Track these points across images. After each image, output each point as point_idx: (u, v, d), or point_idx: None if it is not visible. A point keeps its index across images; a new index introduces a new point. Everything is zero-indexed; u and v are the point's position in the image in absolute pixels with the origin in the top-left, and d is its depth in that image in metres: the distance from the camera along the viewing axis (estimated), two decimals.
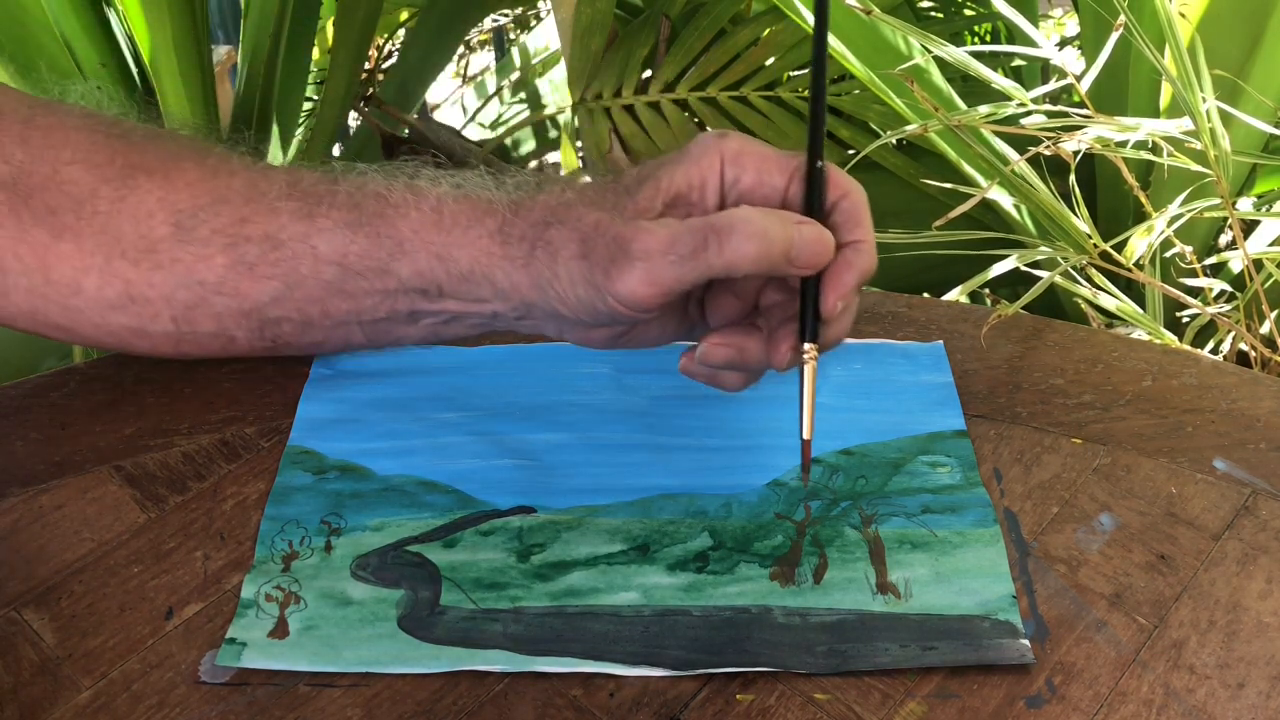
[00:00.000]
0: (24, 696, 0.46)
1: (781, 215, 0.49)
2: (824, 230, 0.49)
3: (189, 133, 0.60)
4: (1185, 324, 0.90)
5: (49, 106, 0.58)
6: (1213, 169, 0.78)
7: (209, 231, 0.55)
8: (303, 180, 0.56)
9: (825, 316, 0.50)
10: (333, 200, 0.55)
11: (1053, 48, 0.81)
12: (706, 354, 0.51)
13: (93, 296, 0.56)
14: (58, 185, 0.55)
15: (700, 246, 0.48)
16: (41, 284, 0.56)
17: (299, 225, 0.55)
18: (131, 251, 0.55)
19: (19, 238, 0.55)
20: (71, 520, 0.54)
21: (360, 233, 0.54)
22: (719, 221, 0.48)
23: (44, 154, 0.56)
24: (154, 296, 0.56)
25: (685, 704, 0.45)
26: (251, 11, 1.10)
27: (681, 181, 0.50)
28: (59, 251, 0.55)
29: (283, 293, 0.56)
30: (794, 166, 0.51)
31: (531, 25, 2.06)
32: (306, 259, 0.55)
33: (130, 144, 0.57)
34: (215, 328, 0.57)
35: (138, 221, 0.55)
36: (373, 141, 1.43)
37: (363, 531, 0.53)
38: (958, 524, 0.52)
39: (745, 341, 0.51)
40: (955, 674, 0.46)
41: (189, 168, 0.56)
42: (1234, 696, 0.45)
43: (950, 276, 0.92)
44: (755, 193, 0.51)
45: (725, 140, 0.51)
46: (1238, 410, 0.58)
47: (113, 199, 0.55)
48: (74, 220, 0.55)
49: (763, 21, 1.36)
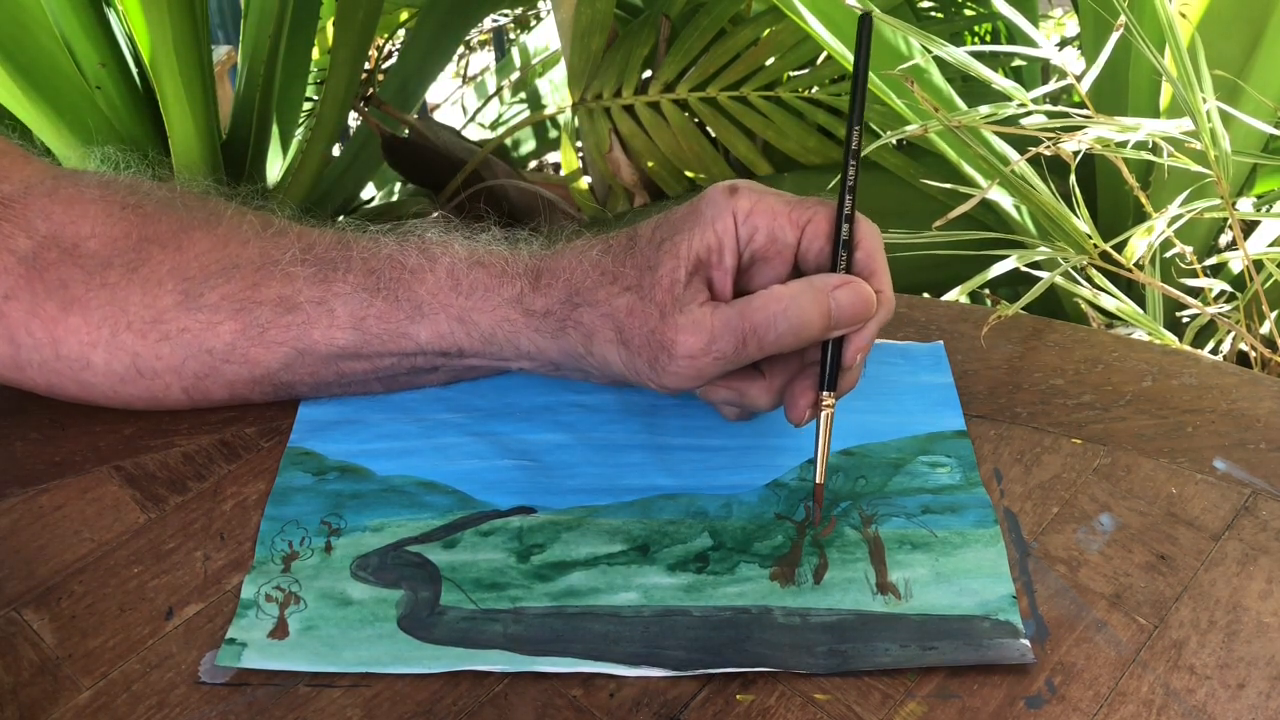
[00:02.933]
0: (24, 696, 0.46)
1: (816, 286, 0.50)
2: (863, 287, 0.51)
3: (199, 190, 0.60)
4: (1185, 324, 0.90)
5: (71, 177, 0.58)
6: (1213, 169, 0.78)
7: (218, 298, 0.55)
8: (315, 246, 0.56)
9: (845, 366, 0.52)
10: (348, 265, 0.55)
11: (1053, 48, 0.81)
12: (707, 393, 0.54)
13: (102, 371, 0.56)
14: (74, 260, 0.56)
15: (740, 345, 0.50)
16: (52, 359, 0.56)
17: (315, 289, 0.55)
18: (138, 323, 0.55)
19: (32, 311, 0.55)
20: (71, 520, 0.54)
21: (378, 296, 0.54)
22: (756, 318, 0.49)
23: (65, 228, 0.56)
24: (162, 369, 0.56)
25: (685, 704, 0.45)
26: (251, 11, 1.10)
27: (700, 248, 0.51)
28: (67, 325, 0.55)
29: (294, 358, 0.56)
30: (805, 219, 0.52)
31: (531, 25, 2.06)
32: (321, 323, 0.55)
33: (144, 216, 0.57)
34: (228, 395, 0.58)
35: (146, 292, 0.55)
36: (373, 141, 1.43)
37: (363, 532, 0.53)
38: (958, 524, 0.52)
39: (746, 386, 0.53)
40: (955, 674, 0.46)
41: (200, 237, 0.56)
42: (1234, 697, 0.45)
43: (950, 276, 0.92)
44: (769, 250, 0.52)
45: (736, 199, 0.51)
46: (1238, 410, 0.58)
47: (124, 270, 0.55)
48: (84, 292, 0.55)
49: (763, 21, 1.36)
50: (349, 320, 0.55)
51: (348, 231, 0.57)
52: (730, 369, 0.51)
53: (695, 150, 1.40)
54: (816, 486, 0.52)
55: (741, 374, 0.53)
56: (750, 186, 0.52)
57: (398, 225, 0.57)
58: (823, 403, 0.52)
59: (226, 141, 1.11)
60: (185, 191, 0.60)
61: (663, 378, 0.51)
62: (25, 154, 0.59)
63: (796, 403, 0.52)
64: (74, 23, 0.99)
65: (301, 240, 0.56)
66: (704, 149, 1.40)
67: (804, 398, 0.52)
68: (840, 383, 0.52)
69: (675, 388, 0.51)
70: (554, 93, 1.78)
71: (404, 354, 0.56)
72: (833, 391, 0.52)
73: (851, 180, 0.52)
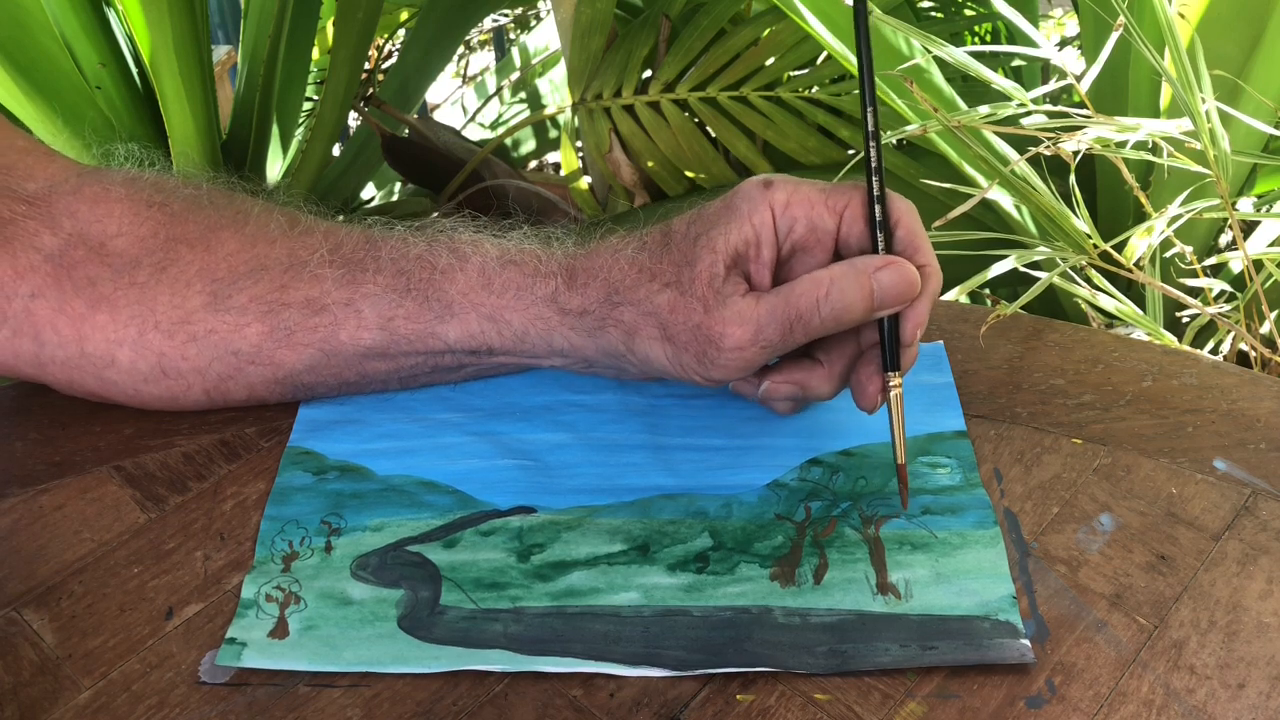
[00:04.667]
0: (24, 696, 0.46)
1: (858, 268, 0.50)
2: (905, 268, 0.51)
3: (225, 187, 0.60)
4: (1185, 324, 0.90)
5: (97, 175, 0.58)
6: (1212, 169, 0.78)
7: (246, 299, 0.55)
8: (343, 246, 0.56)
9: (905, 343, 0.52)
10: (377, 266, 0.55)
11: (1053, 48, 0.81)
12: (770, 391, 0.54)
13: (126, 369, 0.56)
14: (101, 258, 0.55)
15: (786, 333, 0.50)
16: (77, 356, 0.56)
17: (343, 291, 0.55)
18: (165, 323, 0.55)
19: (59, 309, 0.55)
20: (71, 520, 0.54)
21: (408, 297, 0.54)
22: (800, 304, 0.50)
23: (91, 226, 0.56)
24: (187, 369, 0.56)
25: (685, 704, 0.45)
26: (251, 11, 1.10)
27: (738, 241, 0.51)
28: (94, 323, 0.55)
29: (320, 360, 0.56)
30: (842, 205, 0.52)
31: (531, 25, 2.06)
32: (349, 324, 0.55)
33: (171, 214, 0.57)
34: (246, 396, 0.58)
35: (174, 292, 0.55)
36: (373, 141, 1.43)
37: (363, 532, 0.53)
38: (957, 525, 0.52)
39: (807, 378, 0.53)
40: (955, 674, 0.46)
41: (227, 237, 0.56)
42: (1234, 697, 0.45)
43: (950, 276, 0.92)
44: (809, 240, 0.52)
45: (773, 191, 0.51)
46: (1238, 410, 0.58)
47: (153, 270, 0.55)
48: (111, 290, 0.55)
49: (763, 21, 1.36)
50: (377, 321, 0.55)
51: (375, 230, 0.57)
52: (777, 356, 0.51)
53: (695, 150, 1.40)
54: (899, 467, 0.52)
55: (801, 365, 0.53)
56: (784, 178, 0.52)
57: (427, 224, 0.57)
58: (889, 384, 0.52)
59: (226, 141, 1.11)
60: (212, 189, 0.59)
61: (711, 370, 0.51)
62: (50, 152, 0.59)
63: (865, 390, 0.53)
64: (74, 23, 0.99)
65: (329, 240, 0.56)
66: (704, 149, 1.40)
67: (872, 384, 0.52)
68: (902, 360, 0.52)
69: (722, 379, 0.52)
70: (554, 93, 1.78)
71: (431, 353, 0.56)
72: (897, 370, 0.52)
73: (875, 162, 0.52)
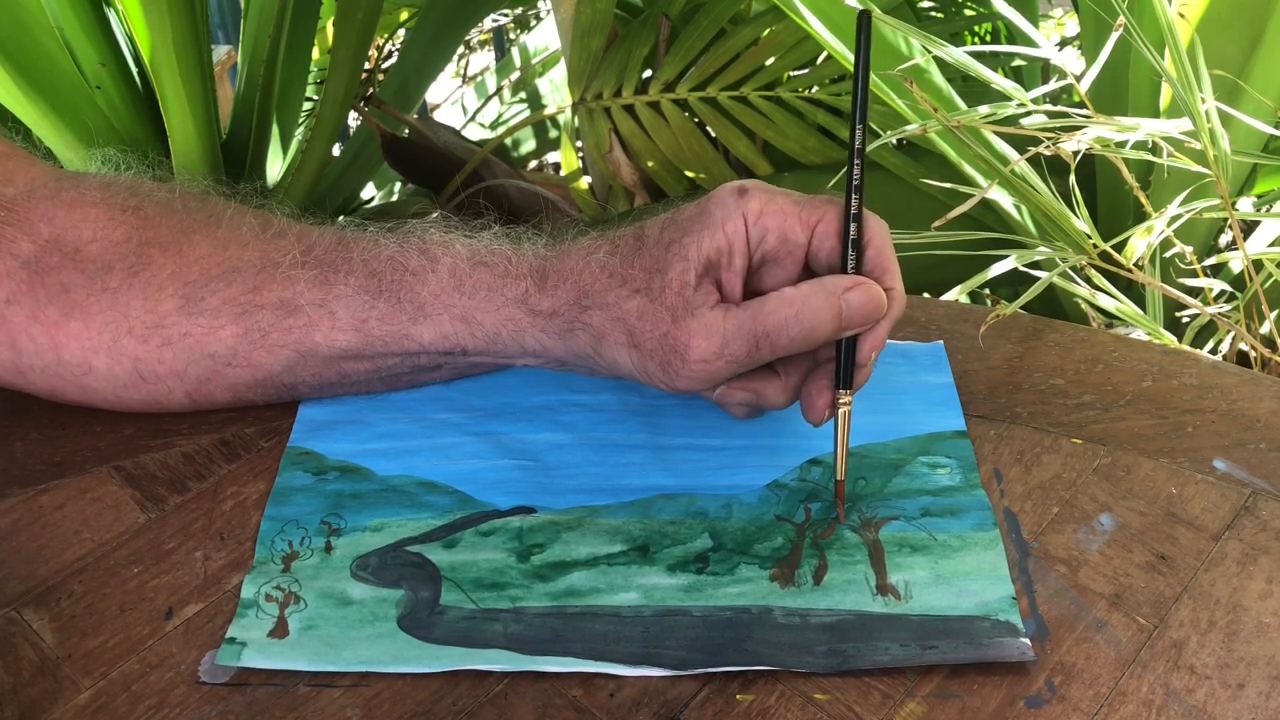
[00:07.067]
0: (24, 696, 0.46)
1: (827, 289, 0.50)
2: (873, 289, 0.51)
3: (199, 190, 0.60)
4: (1185, 324, 0.90)
5: (73, 180, 0.58)
6: (1212, 169, 0.78)
7: (219, 302, 0.55)
8: (315, 247, 0.56)
9: (860, 364, 0.52)
10: (349, 267, 0.55)
11: (1053, 48, 0.81)
12: (725, 395, 0.54)
13: (104, 376, 0.56)
14: (75, 264, 0.55)
15: (753, 349, 0.50)
16: (54, 364, 0.56)
17: (315, 292, 0.55)
18: (139, 328, 0.55)
19: (33, 316, 0.55)
20: (71, 520, 0.54)
21: (380, 298, 0.54)
22: (769, 322, 0.50)
23: (67, 231, 0.56)
24: (164, 373, 0.56)
25: (685, 704, 0.45)
26: (251, 11, 1.10)
27: (710, 250, 0.51)
28: (68, 330, 0.55)
29: (296, 361, 0.56)
30: (815, 219, 0.52)
31: (531, 25, 2.06)
32: (323, 325, 0.55)
33: (144, 218, 0.57)
34: (231, 397, 0.58)
35: (147, 297, 0.55)
36: (373, 141, 1.43)
37: (362, 532, 0.53)
38: (957, 527, 0.52)
39: (763, 387, 0.53)
40: (955, 674, 0.46)
41: (200, 240, 0.56)
42: (1234, 697, 0.45)
43: (950, 276, 0.92)
44: (780, 251, 0.52)
45: (746, 201, 0.51)
46: (1238, 410, 0.58)
47: (125, 275, 0.55)
48: (84, 297, 0.55)
49: (763, 21, 1.36)
50: (351, 323, 0.55)
51: (347, 231, 0.57)
52: (742, 371, 0.51)
53: (695, 150, 1.40)
54: (838, 483, 0.53)
55: (757, 375, 0.53)
56: (759, 187, 0.51)
57: (398, 225, 0.57)
58: (839, 401, 0.52)
59: (226, 141, 1.11)
60: (185, 192, 0.59)
61: (675, 380, 0.51)
62: (29, 157, 0.59)
63: (815, 403, 0.53)
64: (74, 23, 0.99)
65: (301, 241, 0.56)
66: (704, 149, 1.40)
67: (821, 398, 0.53)
68: (854, 380, 0.52)
69: (686, 390, 0.51)
70: (554, 93, 1.78)
71: (407, 354, 0.56)
72: (849, 389, 0.52)
73: (857, 180, 0.52)
